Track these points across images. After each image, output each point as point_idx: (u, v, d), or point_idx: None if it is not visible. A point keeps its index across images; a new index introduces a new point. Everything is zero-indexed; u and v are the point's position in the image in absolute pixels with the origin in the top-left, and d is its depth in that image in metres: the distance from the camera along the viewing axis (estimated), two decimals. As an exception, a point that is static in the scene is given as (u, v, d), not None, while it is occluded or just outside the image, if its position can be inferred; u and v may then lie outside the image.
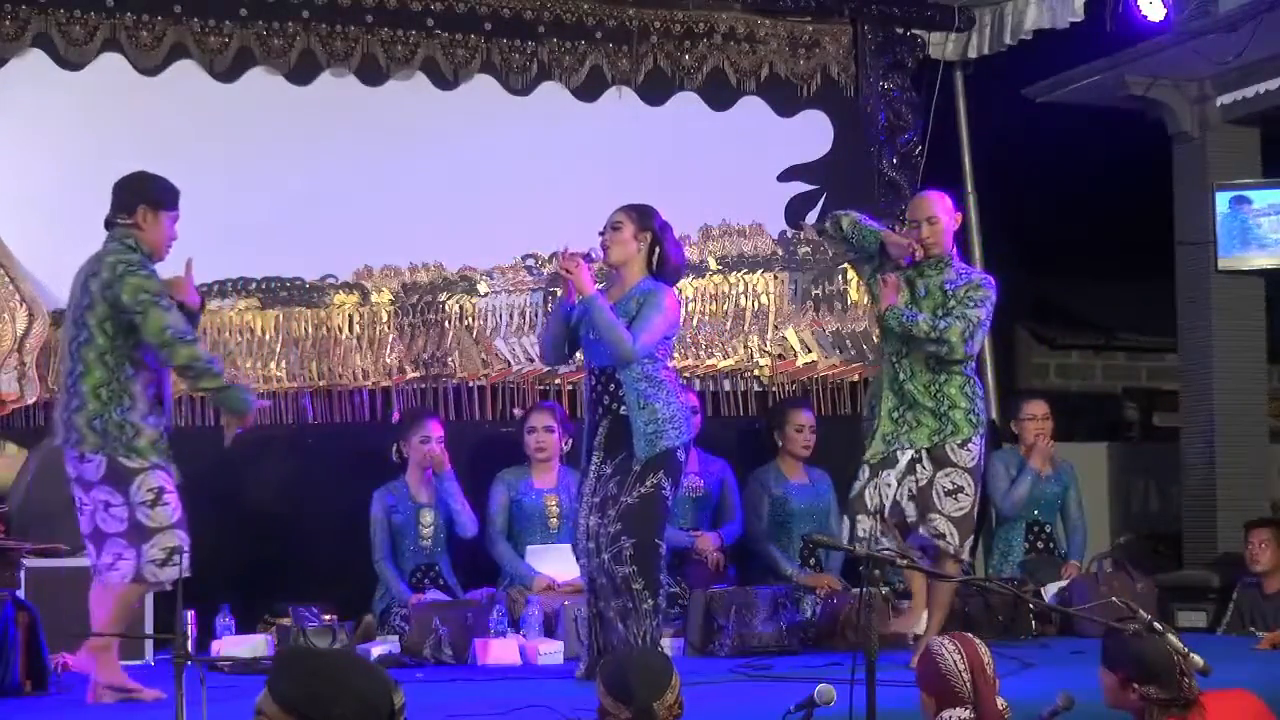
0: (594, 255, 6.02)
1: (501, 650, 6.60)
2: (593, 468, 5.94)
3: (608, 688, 3.64)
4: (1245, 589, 7.66)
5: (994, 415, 8.93)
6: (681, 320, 8.28)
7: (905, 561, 4.85)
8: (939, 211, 6.37)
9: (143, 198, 5.68)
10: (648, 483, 5.87)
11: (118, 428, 5.50)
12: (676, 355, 8.21)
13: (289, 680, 2.68)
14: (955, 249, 6.45)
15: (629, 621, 5.83)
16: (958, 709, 3.90)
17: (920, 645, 6.02)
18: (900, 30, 8.98)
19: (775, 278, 8.50)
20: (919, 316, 6.24)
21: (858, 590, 6.79)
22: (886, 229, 6.50)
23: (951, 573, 6.18)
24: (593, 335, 5.94)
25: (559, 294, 5.98)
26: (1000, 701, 3.96)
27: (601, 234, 6.05)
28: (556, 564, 7.20)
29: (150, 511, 5.51)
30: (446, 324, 8.02)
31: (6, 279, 7.38)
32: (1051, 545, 8.13)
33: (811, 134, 8.86)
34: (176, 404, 7.65)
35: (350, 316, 7.91)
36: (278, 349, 7.66)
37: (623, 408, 5.90)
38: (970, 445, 6.29)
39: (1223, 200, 8.52)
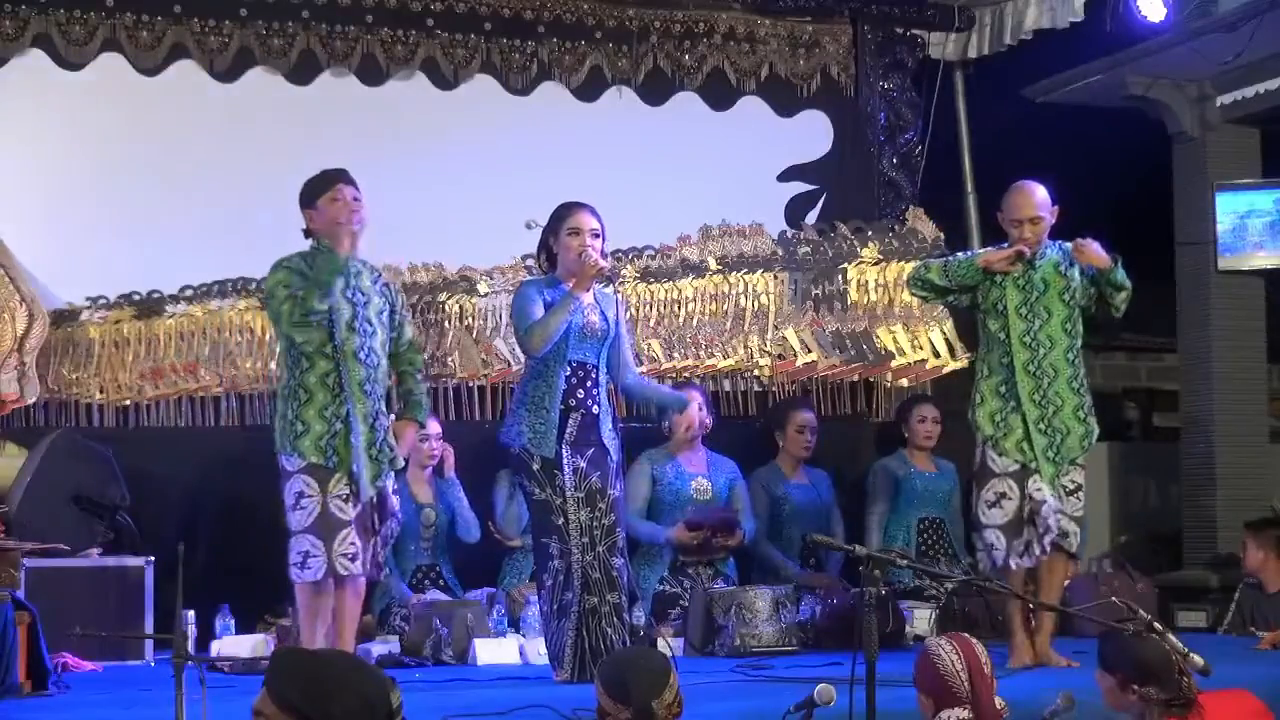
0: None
1: (501, 650, 6.60)
2: (566, 462, 5.90)
3: (606, 688, 3.63)
4: (1247, 589, 7.66)
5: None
6: (681, 320, 8.36)
7: (905, 561, 4.85)
8: (1040, 210, 6.24)
9: (300, 204, 5.94)
10: (622, 477, 6.07)
11: (290, 424, 5.72)
12: (676, 355, 8.23)
13: (287, 680, 2.68)
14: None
15: (621, 616, 5.86)
16: (956, 709, 3.90)
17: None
18: (900, 30, 8.99)
19: (775, 278, 8.49)
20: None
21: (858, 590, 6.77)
22: (974, 254, 6.39)
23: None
24: (585, 334, 5.96)
25: (579, 289, 5.93)
26: (999, 700, 3.96)
27: (562, 236, 6.02)
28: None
29: (292, 515, 5.72)
30: (446, 324, 8.02)
31: (6, 279, 7.38)
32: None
33: (811, 134, 8.86)
34: (175, 404, 7.70)
35: (350, 316, 7.89)
36: (278, 349, 7.64)
37: (595, 406, 5.96)
38: None
39: (1259, 200, 8.50)
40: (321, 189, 5.88)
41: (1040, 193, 6.30)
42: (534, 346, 5.91)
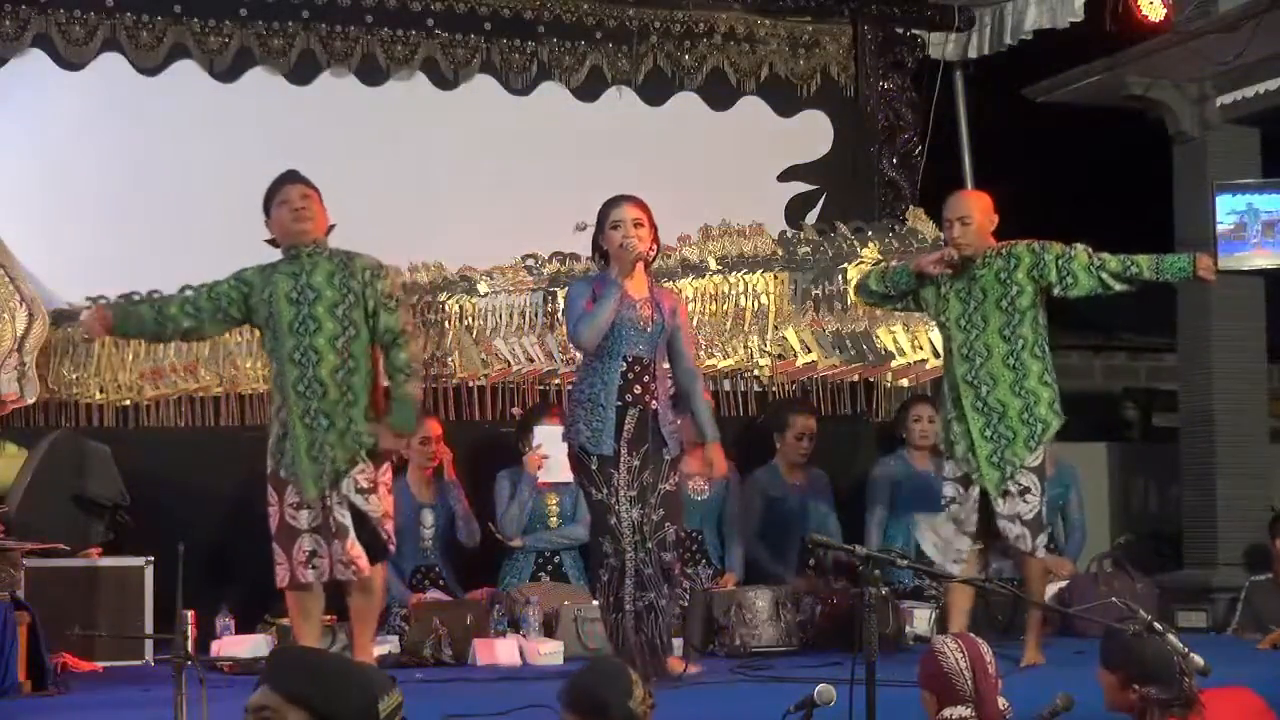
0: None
1: (501, 650, 6.60)
2: (622, 461, 5.87)
3: (583, 713, 3.55)
4: (1255, 586, 7.64)
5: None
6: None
7: (904, 562, 4.84)
8: (972, 210, 6.27)
9: (263, 213, 5.98)
10: (677, 473, 6.00)
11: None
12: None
13: (292, 673, 2.68)
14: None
15: (672, 608, 5.89)
16: (958, 707, 3.90)
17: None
18: (900, 30, 8.99)
19: (775, 278, 8.49)
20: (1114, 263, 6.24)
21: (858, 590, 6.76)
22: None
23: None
24: (637, 326, 5.90)
25: (620, 277, 5.89)
26: (1002, 701, 3.96)
27: (606, 230, 5.98)
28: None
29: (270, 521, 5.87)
30: (446, 324, 8.01)
31: (6, 279, 7.38)
32: (1052, 545, 8.11)
33: (811, 134, 8.86)
34: (175, 404, 7.70)
35: (350, 316, 7.89)
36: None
37: (654, 401, 5.92)
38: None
39: (1259, 200, 8.48)
40: (270, 198, 5.93)
41: (972, 197, 6.45)
42: (584, 340, 5.89)
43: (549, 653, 6.58)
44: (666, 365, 6.09)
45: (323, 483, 5.74)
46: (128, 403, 7.65)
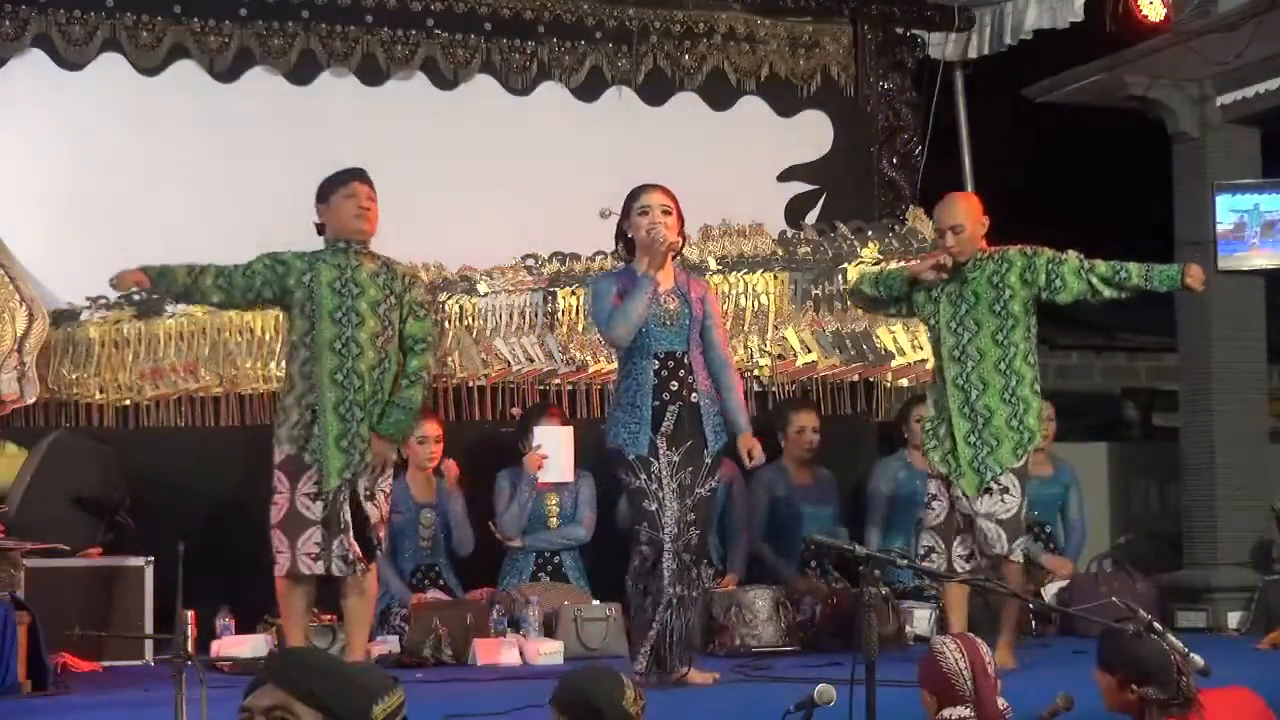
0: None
1: (501, 650, 6.60)
2: (662, 454, 5.75)
3: (575, 717, 3.55)
4: (1273, 585, 7.63)
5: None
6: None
7: (905, 561, 4.84)
8: (964, 219, 6.25)
9: (317, 199, 6.02)
10: (716, 475, 5.88)
11: (277, 413, 5.98)
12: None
13: (304, 673, 2.67)
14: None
15: (696, 610, 5.80)
16: (958, 708, 3.90)
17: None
18: (900, 30, 8.99)
19: (775, 278, 8.49)
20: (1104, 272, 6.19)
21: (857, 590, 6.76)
22: (904, 265, 6.51)
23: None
24: (665, 322, 5.80)
25: (651, 268, 5.75)
26: (1001, 702, 3.96)
27: (633, 217, 5.83)
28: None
29: (270, 509, 5.88)
30: (446, 324, 8.01)
31: (6, 279, 7.38)
32: (1052, 545, 8.12)
33: (811, 134, 8.86)
34: (175, 404, 7.69)
35: (350, 316, 7.89)
36: (278, 349, 7.65)
37: (694, 394, 5.81)
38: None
39: (1259, 200, 8.49)
40: (332, 187, 5.97)
41: (964, 202, 6.41)
42: (618, 336, 5.77)
43: (549, 653, 6.58)
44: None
45: (345, 474, 5.78)
46: (128, 403, 7.66)
